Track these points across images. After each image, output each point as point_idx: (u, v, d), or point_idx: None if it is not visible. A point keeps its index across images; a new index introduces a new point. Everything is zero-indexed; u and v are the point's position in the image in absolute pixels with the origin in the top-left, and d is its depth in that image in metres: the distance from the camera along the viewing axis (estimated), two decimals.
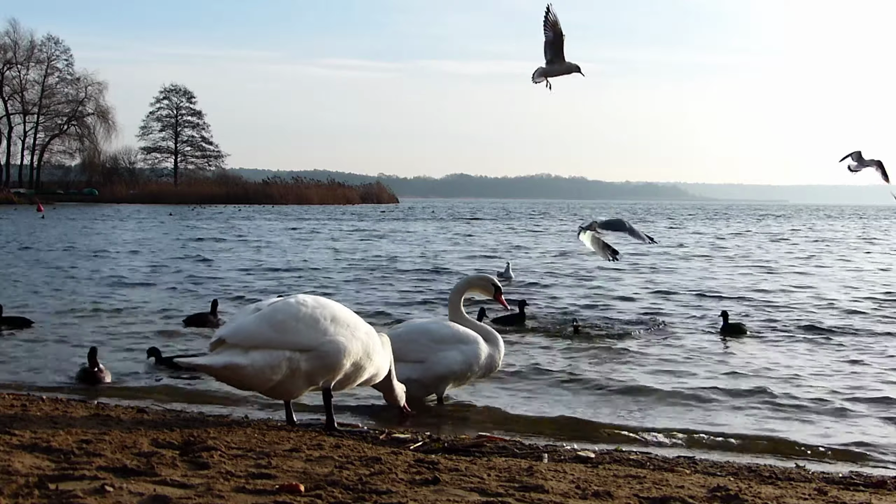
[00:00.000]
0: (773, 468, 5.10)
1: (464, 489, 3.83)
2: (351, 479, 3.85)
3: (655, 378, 7.93)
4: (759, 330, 10.88)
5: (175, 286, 15.20)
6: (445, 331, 6.77)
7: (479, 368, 6.74)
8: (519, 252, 25.79)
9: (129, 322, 10.95)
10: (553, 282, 16.94)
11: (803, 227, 53.18)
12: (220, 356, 5.06)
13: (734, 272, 19.54)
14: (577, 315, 11.64)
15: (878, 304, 13.67)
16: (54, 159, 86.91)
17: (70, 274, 17.19)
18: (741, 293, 14.96)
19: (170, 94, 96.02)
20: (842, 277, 18.53)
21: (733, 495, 3.96)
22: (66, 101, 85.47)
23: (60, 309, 11.91)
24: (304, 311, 5.19)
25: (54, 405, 5.78)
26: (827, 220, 71.16)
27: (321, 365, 5.18)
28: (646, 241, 8.71)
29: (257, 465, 4.10)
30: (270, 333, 5.08)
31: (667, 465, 4.99)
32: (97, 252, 23.13)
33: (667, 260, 23.05)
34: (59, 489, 3.48)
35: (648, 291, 15.21)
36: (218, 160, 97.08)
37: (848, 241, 35.76)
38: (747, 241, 34.74)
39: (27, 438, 4.45)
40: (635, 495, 3.86)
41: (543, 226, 49.30)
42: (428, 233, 38.33)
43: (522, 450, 5.19)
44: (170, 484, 3.67)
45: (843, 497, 4.18)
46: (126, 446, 4.40)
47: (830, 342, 10.03)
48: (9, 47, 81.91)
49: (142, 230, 36.26)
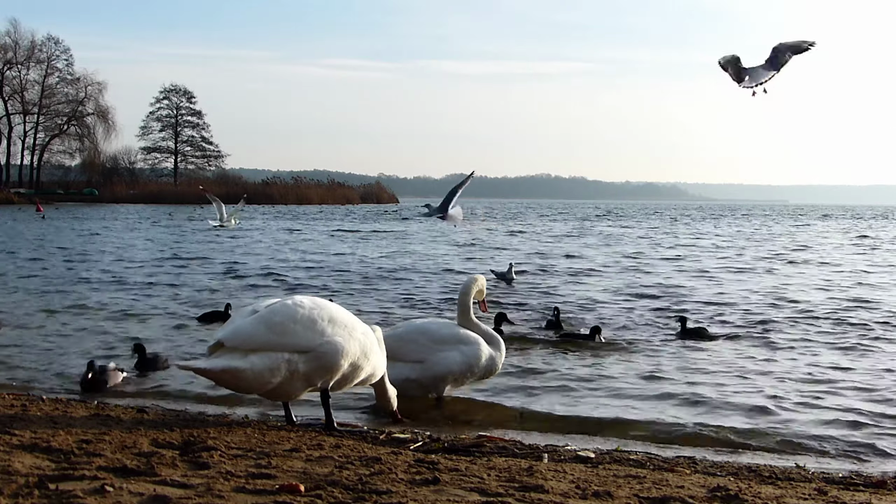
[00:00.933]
0: (773, 468, 5.10)
1: (464, 489, 3.83)
2: (351, 479, 3.85)
3: (656, 378, 7.93)
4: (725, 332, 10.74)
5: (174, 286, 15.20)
6: (445, 331, 6.77)
7: (478, 370, 6.74)
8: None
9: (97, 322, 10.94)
10: (554, 282, 16.94)
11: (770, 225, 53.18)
12: (219, 360, 5.05)
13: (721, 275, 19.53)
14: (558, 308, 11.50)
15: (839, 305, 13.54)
16: (54, 159, 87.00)
17: (52, 274, 17.19)
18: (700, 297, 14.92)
19: (170, 94, 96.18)
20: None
21: (733, 495, 3.96)
22: (66, 101, 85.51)
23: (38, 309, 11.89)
24: (301, 312, 5.18)
25: (54, 405, 5.78)
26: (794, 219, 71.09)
27: (319, 366, 5.18)
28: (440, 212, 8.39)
29: (257, 465, 4.10)
30: (269, 336, 5.07)
31: (667, 465, 4.99)
32: (84, 253, 23.12)
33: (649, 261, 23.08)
34: (59, 489, 3.48)
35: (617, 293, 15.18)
36: (218, 160, 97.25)
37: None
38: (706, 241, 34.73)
39: (27, 438, 4.45)
40: (635, 495, 3.86)
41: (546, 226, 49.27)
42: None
43: (522, 450, 5.19)
44: (170, 484, 3.67)
45: (843, 497, 4.18)
46: (126, 446, 4.40)
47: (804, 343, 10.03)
48: (9, 47, 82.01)
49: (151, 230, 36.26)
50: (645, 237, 36.57)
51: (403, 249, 26.13)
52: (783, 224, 56.89)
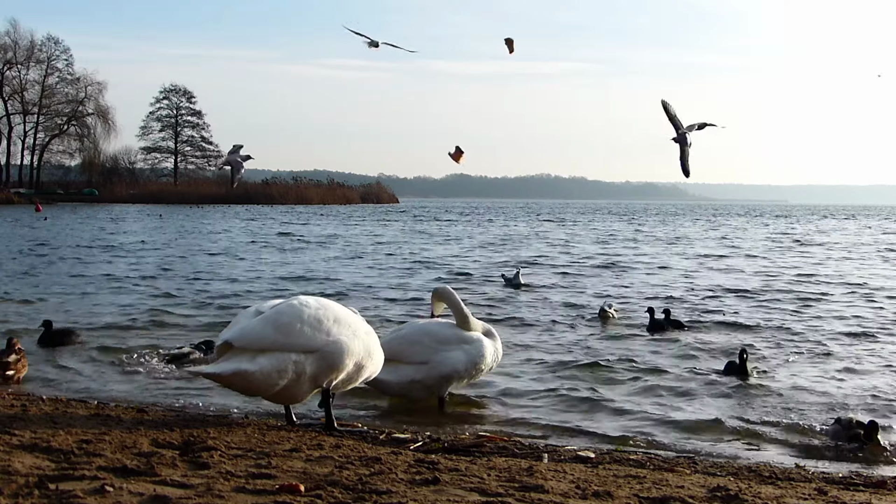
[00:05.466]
0: (773, 468, 5.10)
1: (464, 489, 3.83)
2: (351, 479, 3.84)
3: (654, 378, 7.93)
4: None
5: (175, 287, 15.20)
6: (448, 331, 6.76)
7: (484, 367, 6.76)
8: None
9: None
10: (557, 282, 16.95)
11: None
12: (228, 364, 5.06)
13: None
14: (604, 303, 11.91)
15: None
16: (54, 159, 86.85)
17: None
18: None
19: (170, 94, 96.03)
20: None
21: (733, 495, 3.96)
22: (66, 101, 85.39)
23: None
24: (307, 312, 5.19)
25: (54, 405, 5.78)
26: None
27: (326, 365, 5.18)
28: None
29: (257, 465, 4.09)
30: (276, 336, 5.08)
31: (667, 465, 4.98)
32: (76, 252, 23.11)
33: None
34: (59, 489, 3.48)
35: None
36: (218, 160, 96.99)
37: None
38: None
39: (27, 438, 4.45)
40: (635, 495, 3.86)
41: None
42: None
43: (522, 450, 5.19)
44: (170, 484, 3.67)
45: (843, 497, 4.18)
46: (126, 446, 4.40)
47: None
48: (9, 47, 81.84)
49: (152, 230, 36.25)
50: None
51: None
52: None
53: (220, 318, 10.81)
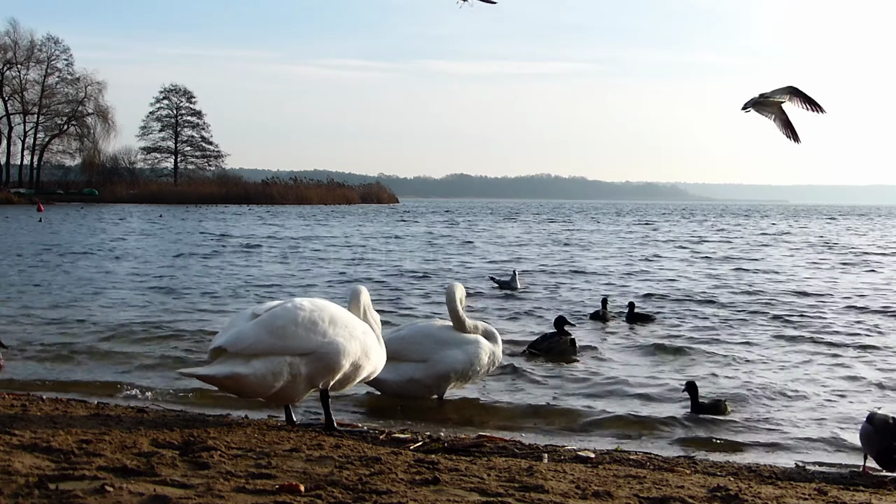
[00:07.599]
0: (773, 468, 5.11)
1: (464, 489, 3.83)
2: (351, 479, 3.84)
3: (655, 378, 7.93)
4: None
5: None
6: (447, 333, 6.78)
7: (481, 367, 6.77)
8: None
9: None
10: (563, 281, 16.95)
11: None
12: (223, 366, 5.05)
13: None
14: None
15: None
16: (54, 159, 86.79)
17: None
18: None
19: (170, 94, 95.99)
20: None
21: (733, 495, 3.96)
22: (66, 101, 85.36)
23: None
24: (302, 315, 5.18)
25: (54, 405, 5.78)
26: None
27: (322, 367, 5.18)
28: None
29: (257, 465, 4.09)
30: (271, 340, 5.07)
31: (667, 465, 4.99)
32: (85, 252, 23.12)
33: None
34: (59, 489, 3.48)
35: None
36: (218, 160, 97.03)
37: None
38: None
39: (27, 438, 4.45)
40: (635, 495, 3.86)
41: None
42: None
43: (522, 450, 5.19)
44: (170, 484, 3.67)
45: (843, 497, 4.18)
46: (126, 446, 4.40)
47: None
48: (9, 47, 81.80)
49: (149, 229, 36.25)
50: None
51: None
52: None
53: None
